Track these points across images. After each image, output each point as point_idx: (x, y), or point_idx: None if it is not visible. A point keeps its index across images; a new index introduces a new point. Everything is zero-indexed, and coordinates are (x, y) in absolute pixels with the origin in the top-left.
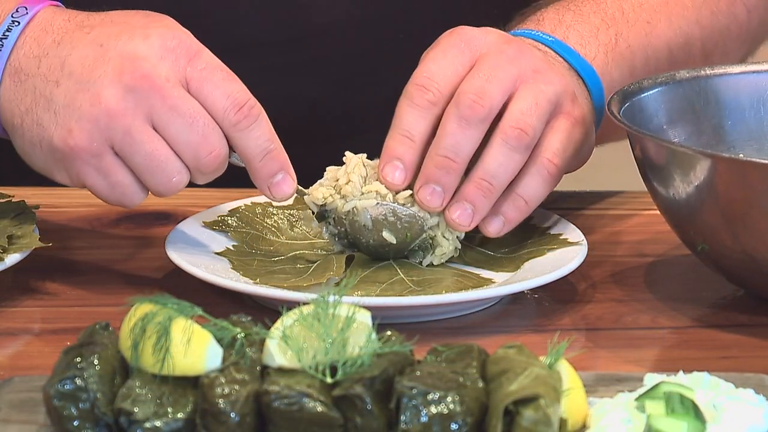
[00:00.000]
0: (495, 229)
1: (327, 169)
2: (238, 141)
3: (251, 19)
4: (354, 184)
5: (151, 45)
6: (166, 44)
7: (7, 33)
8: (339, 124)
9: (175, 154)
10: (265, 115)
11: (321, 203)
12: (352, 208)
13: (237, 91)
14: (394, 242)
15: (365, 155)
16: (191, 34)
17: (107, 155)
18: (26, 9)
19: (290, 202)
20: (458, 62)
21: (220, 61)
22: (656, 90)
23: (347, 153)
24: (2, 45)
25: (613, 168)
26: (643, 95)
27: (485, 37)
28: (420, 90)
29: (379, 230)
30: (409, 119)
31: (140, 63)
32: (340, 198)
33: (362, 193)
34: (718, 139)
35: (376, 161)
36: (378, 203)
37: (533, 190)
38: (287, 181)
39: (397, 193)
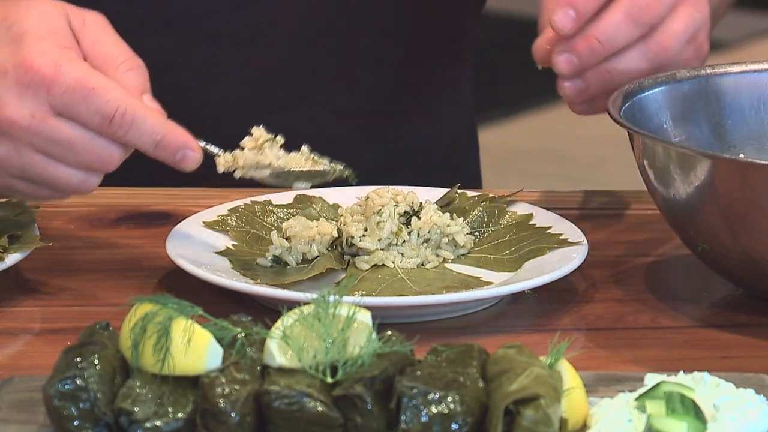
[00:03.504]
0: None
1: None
2: (127, 144)
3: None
4: (247, 155)
5: (9, 86)
6: (21, 80)
7: None
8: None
9: (75, 169)
10: (142, 109)
11: (222, 171)
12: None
13: (102, 104)
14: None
15: (274, 136)
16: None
17: (10, 178)
18: None
19: (290, 201)
20: None
21: (80, 76)
22: (657, 89)
23: (254, 129)
24: None
25: (613, 168)
26: (643, 95)
27: None
28: None
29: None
30: None
31: (2, 109)
32: (241, 168)
33: (257, 163)
34: (719, 138)
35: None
36: (272, 173)
37: (639, 65)
38: (187, 158)
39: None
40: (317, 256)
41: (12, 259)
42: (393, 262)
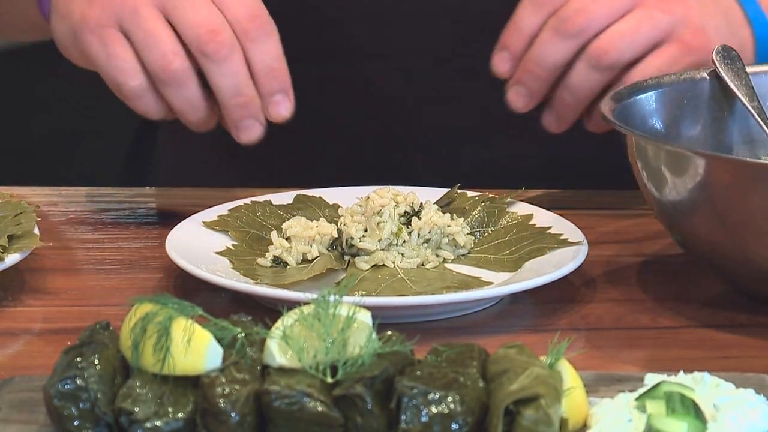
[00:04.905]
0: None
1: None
2: (246, 52)
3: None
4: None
5: None
6: None
7: None
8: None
9: (177, 37)
10: (277, 34)
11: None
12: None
13: (255, 2)
14: None
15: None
16: None
17: (111, 28)
18: None
19: (290, 201)
20: None
21: None
22: (650, 93)
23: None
24: None
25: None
26: (636, 98)
27: None
28: None
29: None
30: (522, 14)
31: None
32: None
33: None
34: (711, 141)
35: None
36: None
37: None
38: (284, 103)
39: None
40: (317, 257)
41: (12, 259)
42: (393, 262)
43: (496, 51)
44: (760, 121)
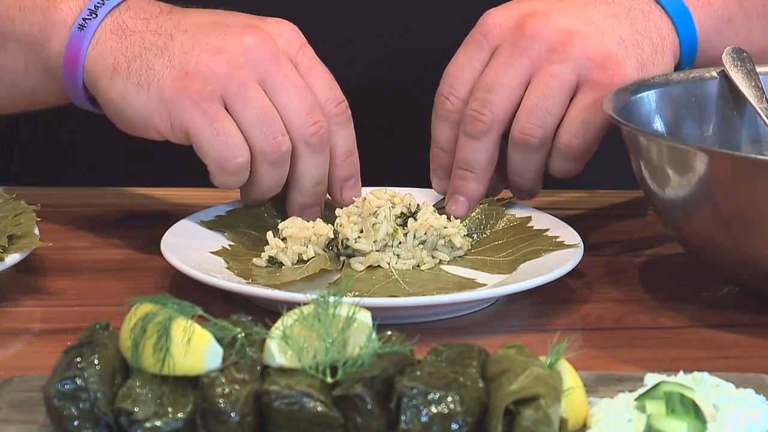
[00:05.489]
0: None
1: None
2: (331, 135)
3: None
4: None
5: (269, 23)
6: (282, 26)
7: None
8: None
9: (281, 120)
10: (352, 122)
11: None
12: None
13: (337, 87)
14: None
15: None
16: None
17: (217, 102)
18: None
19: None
20: (476, 60)
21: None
22: (652, 91)
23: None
24: (103, 3)
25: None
26: (638, 95)
27: (505, 22)
28: (440, 100)
29: None
30: (437, 132)
31: (260, 31)
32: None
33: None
34: (721, 140)
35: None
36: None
37: (560, 169)
38: (356, 188)
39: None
40: (313, 257)
41: (12, 259)
42: (388, 264)
43: (432, 174)
44: None
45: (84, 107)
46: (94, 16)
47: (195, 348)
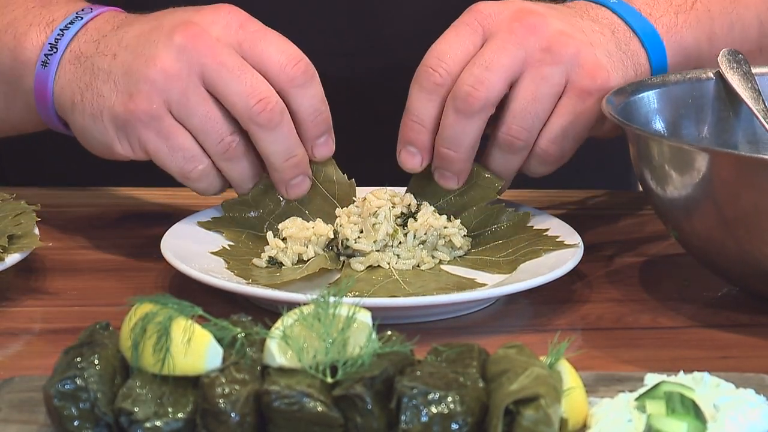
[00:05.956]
0: None
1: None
2: (293, 98)
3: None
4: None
5: (203, 13)
6: (218, 12)
7: (69, 25)
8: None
9: (228, 114)
10: (317, 75)
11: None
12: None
13: (292, 48)
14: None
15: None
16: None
17: (166, 117)
18: (91, 9)
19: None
20: (469, 41)
21: (271, 29)
22: (651, 92)
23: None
24: (63, 35)
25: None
26: (638, 96)
27: (501, 12)
28: (427, 72)
29: None
30: (417, 104)
31: (191, 26)
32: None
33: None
34: (718, 141)
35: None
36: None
37: (533, 170)
38: (329, 144)
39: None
40: (313, 257)
41: (12, 259)
42: (388, 264)
43: (400, 147)
44: (765, 124)
45: (68, 134)
46: (54, 50)
47: (195, 348)
